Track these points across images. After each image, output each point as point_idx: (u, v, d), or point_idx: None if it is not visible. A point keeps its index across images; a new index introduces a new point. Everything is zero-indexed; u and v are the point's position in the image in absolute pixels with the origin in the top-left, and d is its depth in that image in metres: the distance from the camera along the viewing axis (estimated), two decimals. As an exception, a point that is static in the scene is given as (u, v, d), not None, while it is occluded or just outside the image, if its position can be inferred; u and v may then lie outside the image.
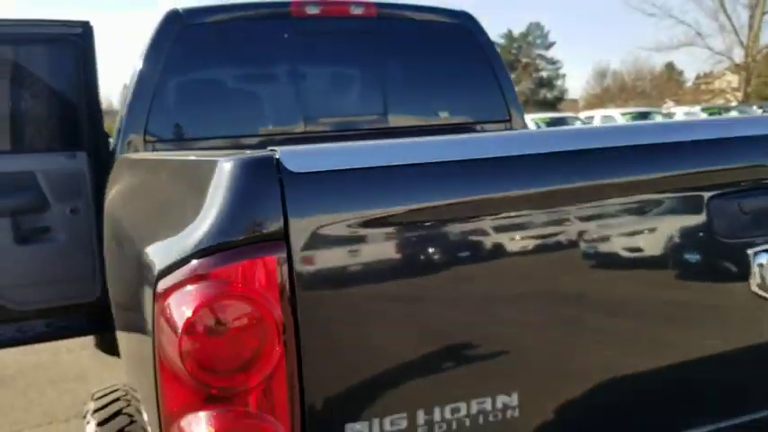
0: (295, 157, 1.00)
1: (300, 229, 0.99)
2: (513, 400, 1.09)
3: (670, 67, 59.43)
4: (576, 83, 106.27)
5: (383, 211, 1.04)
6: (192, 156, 1.39)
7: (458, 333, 1.09)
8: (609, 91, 60.58)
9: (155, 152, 2.87)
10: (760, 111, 21.42)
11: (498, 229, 1.09)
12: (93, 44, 3.51)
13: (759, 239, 1.23)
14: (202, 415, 0.99)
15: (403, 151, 1.11)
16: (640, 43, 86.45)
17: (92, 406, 1.92)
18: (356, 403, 1.03)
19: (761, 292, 1.24)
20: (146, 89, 2.91)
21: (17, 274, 3.51)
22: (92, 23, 3.45)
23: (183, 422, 1.00)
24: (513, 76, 3.70)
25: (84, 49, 3.48)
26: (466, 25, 3.47)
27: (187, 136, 3.01)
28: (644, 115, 21.42)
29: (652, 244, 1.24)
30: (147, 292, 1.13)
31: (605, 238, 1.18)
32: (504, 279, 1.12)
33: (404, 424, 1.04)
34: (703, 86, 50.76)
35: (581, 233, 1.15)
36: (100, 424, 1.80)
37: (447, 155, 1.11)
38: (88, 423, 1.88)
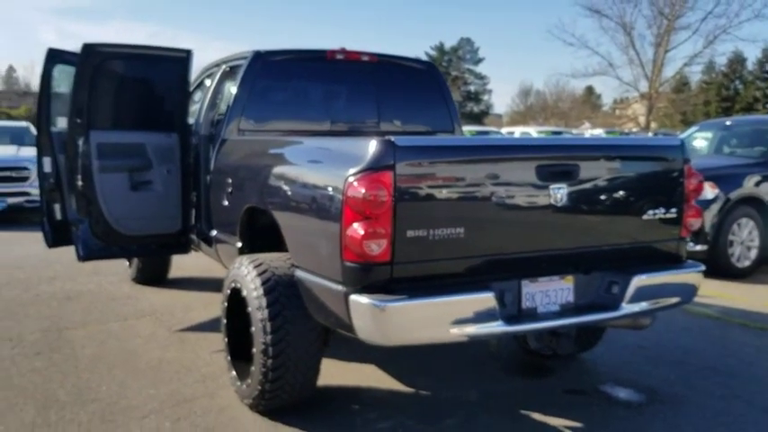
0: (399, 140, 2.98)
1: (400, 164, 2.95)
2: (462, 230, 3.13)
3: (589, 90, 63.79)
4: (501, 99, 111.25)
5: (430, 160, 3.05)
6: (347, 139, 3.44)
7: (451, 208, 3.10)
8: (532, 109, 64.37)
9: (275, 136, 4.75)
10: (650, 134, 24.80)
11: (478, 171, 3.15)
12: (191, 64, 5.34)
13: (552, 183, 3.32)
14: (360, 223, 2.97)
15: (434, 139, 3.17)
16: (560, 68, 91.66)
17: (247, 262, 3.78)
18: (412, 223, 3.00)
19: (553, 203, 3.33)
20: (240, 100, 4.79)
21: (129, 211, 5.29)
22: (193, 50, 5.30)
23: (354, 226, 2.97)
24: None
25: (185, 67, 5.31)
26: (430, 70, 5.55)
27: (261, 129, 4.91)
28: (556, 134, 24.34)
29: (520, 185, 3.31)
30: (335, 186, 3.09)
31: (505, 179, 3.23)
32: (479, 192, 3.16)
33: (425, 233, 3.03)
34: (618, 111, 54.78)
35: (501, 176, 3.20)
36: (257, 267, 3.70)
37: (450, 142, 3.18)
38: (247, 274, 3.73)
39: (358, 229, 2.98)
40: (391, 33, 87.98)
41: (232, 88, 4.96)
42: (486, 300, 3.12)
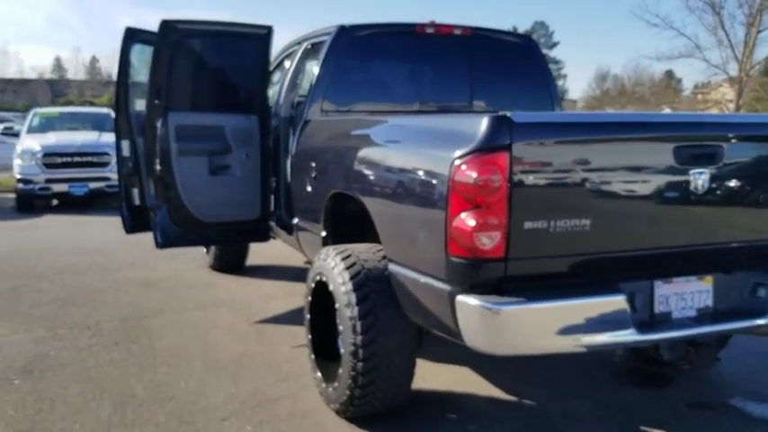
0: (515, 115, 2.56)
1: (517, 144, 2.53)
2: (588, 222, 2.68)
3: (669, 74, 60.81)
4: (576, 84, 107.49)
5: (551, 140, 2.61)
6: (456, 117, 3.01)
7: (575, 196, 2.66)
8: (608, 94, 62.04)
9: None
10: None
11: (607, 153, 2.70)
12: (271, 43, 5.03)
13: (692, 167, 2.82)
14: (470, 213, 2.57)
15: (556, 115, 2.71)
16: (641, 51, 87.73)
17: (333, 254, 3.43)
18: (530, 213, 2.58)
19: (693, 189, 2.83)
20: (324, 79, 4.45)
21: (207, 197, 5.04)
22: (273, 27, 4.99)
23: (462, 216, 2.58)
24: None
25: (266, 45, 5.01)
26: (528, 45, 5.06)
27: (344, 110, 4.55)
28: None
29: (655, 170, 2.82)
30: (439, 170, 2.69)
31: (637, 162, 2.77)
32: (607, 178, 2.70)
33: (545, 224, 2.61)
34: (700, 96, 51.98)
35: (633, 159, 2.74)
36: (345, 259, 3.34)
37: (566, 118, 2.73)
38: (334, 266, 3.37)
39: (467, 219, 2.58)
40: (464, 18, 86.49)
41: (315, 66, 4.63)
42: (616, 303, 2.66)
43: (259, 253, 7.00)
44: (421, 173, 2.89)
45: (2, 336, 4.80)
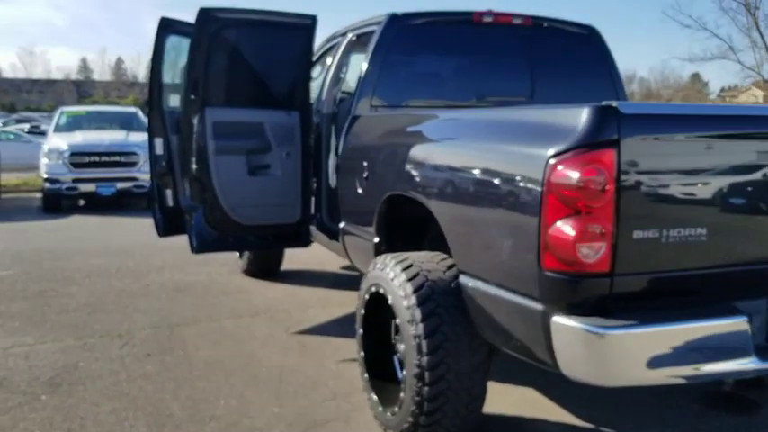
0: (623, 106, 2.19)
1: (626, 140, 2.16)
2: (704, 231, 2.30)
3: (696, 77, 59.74)
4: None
5: (665, 135, 2.24)
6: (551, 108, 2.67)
7: (690, 201, 2.30)
8: (634, 97, 61.20)
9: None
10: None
11: (727, 151, 2.33)
12: (315, 33, 4.70)
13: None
14: (569, 220, 2.20)
15: (670, 107, 2.34)
16: (672, 53, 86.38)
17: (392, 263, 3.08)
18: (640, 221, 2.22)
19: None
20: (373, 72, 4.10)
21: (245, 198, 4.71)
22: (317, 17, 4.65)
23: (559, 223, 2.21)
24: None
25: (309, 36, 4.67)
26: (592, 36, 4.66)
27: (395, 104, 4.20)
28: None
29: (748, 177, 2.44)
30: (529, 170, 2.33)
31: (759, 162, 2.39)
32: (726, 180, 2.33)
33: (656, 234, 2.24)
34: (728, 99, 50.96)
35: (756, 158, 2.38)
36: (407, 269, 2.99)
37: (681, 110, 2.36)
38: (393, 277, 3.01)
39: (565, 227, 2.21)
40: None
41: (362, 59, 4.29)
42: (738, 326, 2.29)
43: (294, 257, 6.67)
44: (505, 173, 2.52)
45: (28, 345, 4.52)
